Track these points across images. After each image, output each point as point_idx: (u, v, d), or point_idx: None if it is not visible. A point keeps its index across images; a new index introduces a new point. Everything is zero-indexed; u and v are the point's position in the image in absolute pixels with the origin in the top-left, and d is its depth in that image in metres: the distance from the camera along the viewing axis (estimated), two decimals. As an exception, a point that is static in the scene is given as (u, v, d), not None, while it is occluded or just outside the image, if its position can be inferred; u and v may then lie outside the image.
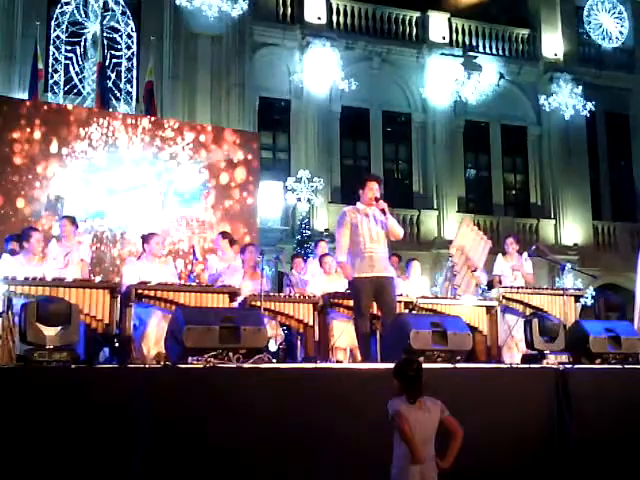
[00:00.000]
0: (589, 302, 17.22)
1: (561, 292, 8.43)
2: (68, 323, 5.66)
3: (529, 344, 7.17)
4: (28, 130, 10.64)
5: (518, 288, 8.55)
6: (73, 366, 5.19)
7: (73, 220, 7.98)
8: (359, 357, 7.68)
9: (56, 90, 15.87)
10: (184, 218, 11.44)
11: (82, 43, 16.30)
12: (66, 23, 16.24)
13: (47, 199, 10.50)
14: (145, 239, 7.76)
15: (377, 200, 6.86)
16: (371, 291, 6.81)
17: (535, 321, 7.15)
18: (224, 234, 9.04)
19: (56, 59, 16.05)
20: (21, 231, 7.60)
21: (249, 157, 12.11)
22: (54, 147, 10.77)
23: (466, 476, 4.96)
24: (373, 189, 6.90)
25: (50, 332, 5.57)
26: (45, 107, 11.52)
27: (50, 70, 15.88)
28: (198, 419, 4.81)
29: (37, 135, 10.68)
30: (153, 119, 12.19)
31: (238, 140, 12.13)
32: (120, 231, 10.92)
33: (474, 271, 8.72)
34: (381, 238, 6.88)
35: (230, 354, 5.50)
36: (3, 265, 7.00)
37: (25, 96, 14.22)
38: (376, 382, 5.03)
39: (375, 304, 7.00)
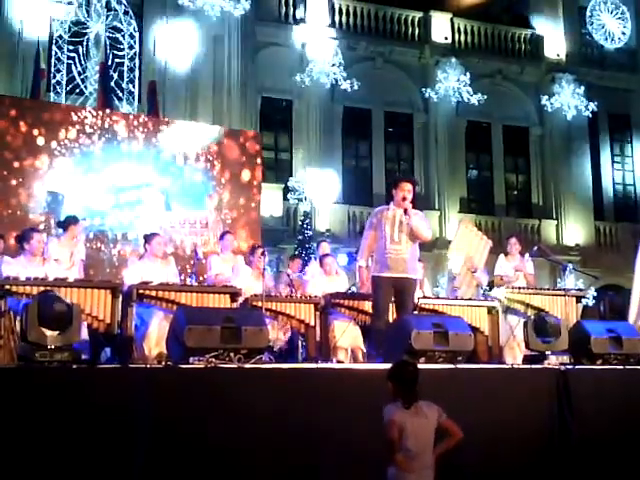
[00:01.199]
0: (590, 303, 17.19)
1: (562, 293, 8.44)
2: (69, 323, 5.66)
3: (526, 344, 7.19)
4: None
5: (520, 288, 8.55)
6: (74, 366, 5.18)
7: (78, 220, 8.08)
8: (360, 357, 7.70)
9: (58, 90, 15.88)
10: (187, 219, 11.30)
11: (84, 43, 16.30)
12: (69, 23, 16.24)
13: (46, 196, 10.38)
14: (147, 239, 7.81)
15: (404, 200, 6.90)
16: (390, 291, 6.87)
17: (531, 322, 7.15)
18: (229, 233, 9.09)
19: (58, 59, 16.05)
20: (21, 232, 7.60)
21: (253, 157, 12.08)
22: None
23: (470, 474, 4.97)
24: (404, 190, 6.91)
25: (51, 332, 5.57)
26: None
27: (52, 70, 15.88)
28: (199, 419, 4.81)
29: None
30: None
31: (244, 140, 12.11)
32: (121, 231, 10.85)
33: (474, 272, 8.72)
34: (403, 240, 6.89)
35: (231, 354, 5.48)
36: (5, 266, 7.01)
37: (27, 96, 14.21)
38: (377, 382, 5.02)
39: (393, 304, 7.03)
